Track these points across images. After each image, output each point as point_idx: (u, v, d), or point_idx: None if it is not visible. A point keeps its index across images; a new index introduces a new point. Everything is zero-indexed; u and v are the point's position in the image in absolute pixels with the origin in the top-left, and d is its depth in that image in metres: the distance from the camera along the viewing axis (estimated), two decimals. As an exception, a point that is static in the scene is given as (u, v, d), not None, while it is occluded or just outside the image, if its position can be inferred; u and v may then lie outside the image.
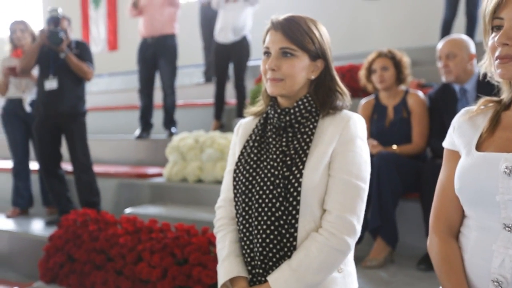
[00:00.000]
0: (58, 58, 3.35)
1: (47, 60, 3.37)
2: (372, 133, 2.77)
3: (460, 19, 4.31)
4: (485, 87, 2.66)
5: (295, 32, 1.20)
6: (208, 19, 5.10)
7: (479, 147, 1.02)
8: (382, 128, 2.74)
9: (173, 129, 4.36)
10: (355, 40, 5.80)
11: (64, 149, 3.56)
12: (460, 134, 1.07)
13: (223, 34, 4.22)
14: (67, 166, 3.65)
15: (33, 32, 3.94)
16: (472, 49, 2.61)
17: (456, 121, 1.09)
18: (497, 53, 0.96)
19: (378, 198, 2.43)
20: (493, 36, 0.97)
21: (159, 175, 3.72)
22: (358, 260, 2.48)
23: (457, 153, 1.07)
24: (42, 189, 3.94)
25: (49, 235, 2.91)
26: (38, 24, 8.19)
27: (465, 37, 2.67)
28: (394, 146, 2.63)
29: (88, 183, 3.49)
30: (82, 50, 3.45)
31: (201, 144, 3.50)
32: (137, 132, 4.40)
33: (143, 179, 3.70)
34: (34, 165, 4.01)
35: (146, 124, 4.40)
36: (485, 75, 1.07)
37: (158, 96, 4.53)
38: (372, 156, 2.57)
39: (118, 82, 6.81)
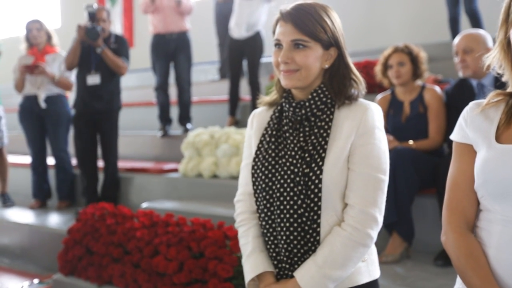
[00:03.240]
0: (98, 53, 3.50)
1: (88, 55, 3.51)
2: (388, 129, 2.76)
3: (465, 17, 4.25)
4: (504, 81, 2.63)
5: (306, 23, 1.17)
6: (223, 16, 5.11)
7: (497, 139, 1.01)
8: (398, 123, 2.72)
9: (188, 125, 4.39)
10: (371, 36, 5.76)
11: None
12: (474, 127, 1.05)
13: (237, 30, 4.23)
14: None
15: (48, 31, 4.02)
16: (490, 43, 2.57)
17: (468, 115, 1.08)
18: None
19: (394, 194, 2.42)
20: None
21: (175, 170, 3.76)
22: (373, 255, 2.48)
23: (470, 146, 1.06)
24: (57, 184, 4.02)
25: (67, 228, 2.97)
26: (56, 23, 8.31)
27: (482, 32, 2.64)
28: (411, 142, 2.62)
29: (113, 178, 3.67)
30: (120, 45, 3.62)
31: (216, 140, 3.52)
32: (160, 132, 4.42)
33: (159, 174, 3.74)
34: (50, 160, 4.10)
35: (166, 121, 4.44)
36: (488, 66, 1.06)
37: (171, 93, 4.56)
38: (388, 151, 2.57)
39: (134, 79, 6.86)
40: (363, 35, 5.75)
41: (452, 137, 1.11)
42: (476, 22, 4.07)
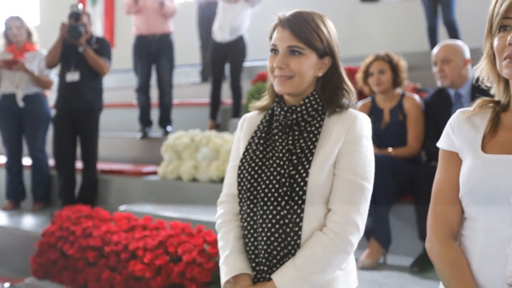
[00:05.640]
0: (78, 52, 3.49)
1: (69, 53, 3.52)
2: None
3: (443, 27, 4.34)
4: (480, 92, 2.72)
5: (303, 30, 1.19)
6: (205, 18, 5.10)
7: (483, 148, 1.01)
8: (378, 130, 2.75)
9: (168, 128, 4.35)
10: (351, 43, 5.82)
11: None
12: (461, 136, 1.05)
13: (220, 33, 4.22)
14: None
15: (28, 29, 3.94)
16: (467, 54, 2.64)
17: (455, 123, 1.07)
18: (506, 52, 0.95)
19: (372, 200, 2.41)
20: (501, 36, 0.96)
21: (154, 173, 3.72)
22: (351, 261, 2.49)
23: (456, 154, 1.06)
24: (33, 185, 3.94)
25: (42, 231, 2.90)
26: (34, 20, 8.15)
27: (460, 43, 2.71)
28: (390, 149, 2.65)
29: (92, 179, 3.63)
30: (102, 46, 3.62)
31: (196, 143, 3.50)
32: (139, 133, 4.37)
33: (137, 176, 3.69)
34: (26, 161, 4.01)
35: (146, 123, 4.40)
36: (478, 79, 1.06)
37: (152, 95, 4.52)
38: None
39: (113, 80, 6.78)
40: (344, 42, 5.77)
41: (439, 144, 1.11)
42: (453, 32, 4.17)
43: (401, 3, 5.72)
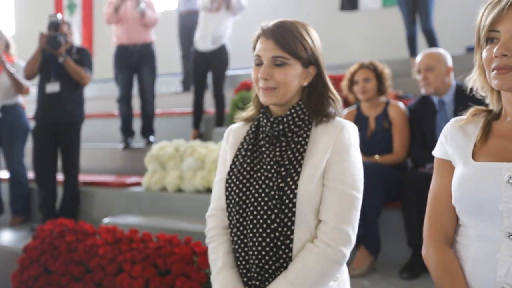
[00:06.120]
0: (58, 62, 3.42)
1: (49, 64, 3.44)
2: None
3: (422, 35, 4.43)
4: (463, 99, 2.75)
5: (287, 40, 1.18)
6: (186, 28, 5.09)
7: (473, 156, 1.04)
8: (364, 138, 2.76)
9: (151, 138, 4.31)
10: (332, 51, 5.88)
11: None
12: (453, 144, 1.08)
13: (202, 42, 4.21)
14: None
15: (7, 40, 3.86)
16: (450, 62, 2.69)
17: (448, 131, 1.10)
18: (494, 64, 0.98)
19: (361, 208, 2.44)
20: (489, 48, 0.99)
21: (138, 184, 3.66)
22: (341, 269, 2.49)
23: (449, 162, 1.08)
24: (11, 198, 3.83)
25: (23, 246, 2.81)
26: (9, 30, 7.98)
27: (442, 51, 2.76)
28: (376, 156, 2.67)
29: (73, 191, 3.55)
30: (82, 56, 3.55)
31: (181, 153, 3.46)
32: (122, 144, 4.31)
33: (121, 188, 3.63)
34: (4, 173, 3.90)
35: (129, 133, 4.34)
36: (471, 89, 1.09)
37: (134, 105, 4.47)
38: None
39: (92, 90, 6.68)
40: (325, 51, 5.87)
41: (434, 152, 1.13)
42: (431, 40, 4.27)
43: (380, 11, 5.82)
